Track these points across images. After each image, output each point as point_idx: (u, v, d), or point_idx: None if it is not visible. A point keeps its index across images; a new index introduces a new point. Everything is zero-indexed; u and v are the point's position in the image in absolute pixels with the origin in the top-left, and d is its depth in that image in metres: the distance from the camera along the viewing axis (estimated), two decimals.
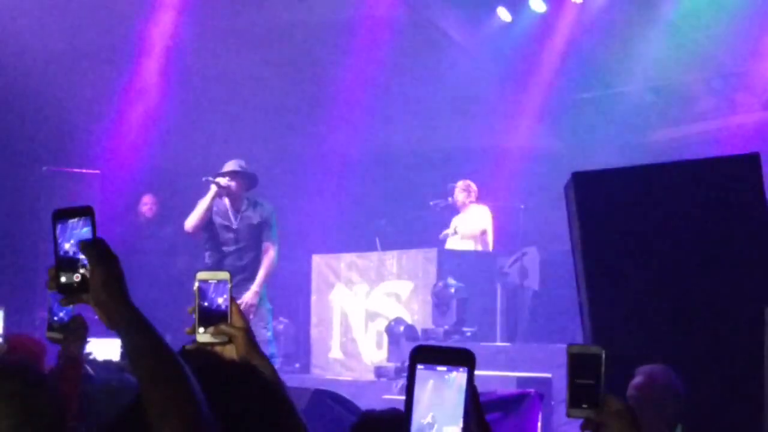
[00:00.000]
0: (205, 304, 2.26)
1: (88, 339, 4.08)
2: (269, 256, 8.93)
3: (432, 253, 10.71)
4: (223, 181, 8.94)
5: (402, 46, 12.27)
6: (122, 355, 5.66)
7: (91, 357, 5.58)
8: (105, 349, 6.11)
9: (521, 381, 8.59)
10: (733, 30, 11.42)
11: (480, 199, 11.07)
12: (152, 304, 11.03)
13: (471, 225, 10.99)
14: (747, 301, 5.15)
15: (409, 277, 10.86)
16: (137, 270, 11.50)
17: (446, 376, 1.73)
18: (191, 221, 9.04)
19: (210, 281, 2.27)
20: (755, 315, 4.93)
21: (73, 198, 11.59)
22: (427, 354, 1.76)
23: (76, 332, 3.49)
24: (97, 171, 11.90)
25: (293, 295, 11.97)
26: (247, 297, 8.71)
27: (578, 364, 2.14)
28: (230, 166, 9.05)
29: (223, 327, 2.24)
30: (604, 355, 2.13)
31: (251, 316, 8.41)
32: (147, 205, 11.85)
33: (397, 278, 11.00)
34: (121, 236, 11.78)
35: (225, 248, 9.01)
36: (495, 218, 11.11)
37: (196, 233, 9.11)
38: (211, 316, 2.25)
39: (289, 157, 12.71)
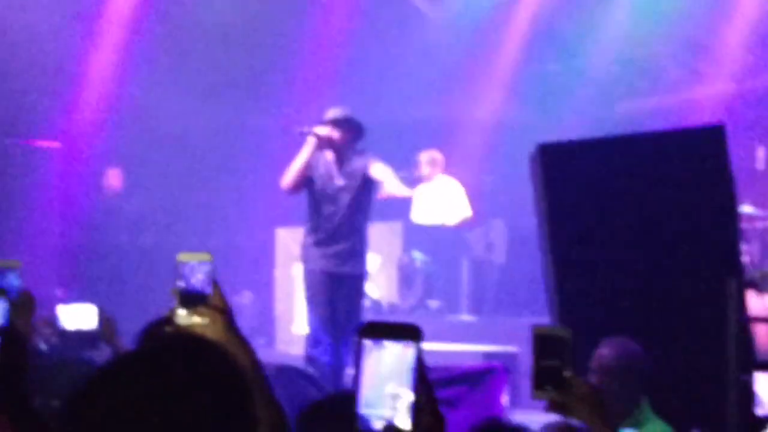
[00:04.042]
0: (186, 285, 2.25)
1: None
2: (387, 172, 7.51)
3: (397, 226, 10.64)
4: (324, 130, 7.40)
5: (367, 17, 12.15)
6: (99, 322, 5.49)
7: (61, 326, 5.44)
8: (79, 316, 5.90)
9: (487, 355, 8.57)
10: (699, 1, 11.38)
11: (445, 170, 10.99)
12: (121, 280, 10.96)
13: (448, 202, 10.82)
14: (712, 272, 5.14)
15: (374, 251, 10.78)
16: (105, 246, 11.40)
17: (394, 351, 1.74)
18: (287, 178, 7.45)
19: (191, 262, 2.26)
20: (719, 286, 4.92)
21: (32, 172, 11.42)
22: (375, 329, 1.77)
23: (24, 307, 3.40)
24: (57, 143, 11.71)
25: (257, 270, 11.88)
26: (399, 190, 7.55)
27: (544, 346, 2.11)
28: (332, 113, 7.51)
29: (202, 309, 2.24)
30: (570, 338, 2.09)
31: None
32: (115, 177, 11.67)
33: None
34: (86, 211, 11.64)
35: (327, 209, 7.44)
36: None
37: (295, 191, 7.54)
38: (191, 298, 2.25)
39: (253, 129, 12.58)
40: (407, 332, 1.75)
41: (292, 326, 11.05)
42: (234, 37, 12.13)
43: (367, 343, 1.75)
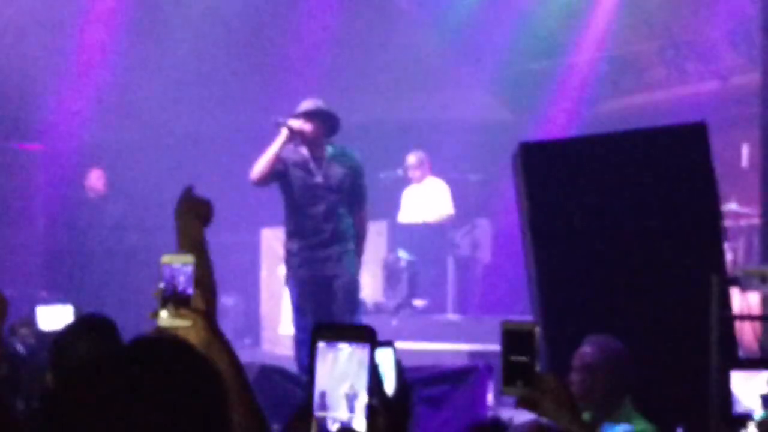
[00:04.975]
0: (169, 287, 2.26)
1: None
2: (362, 227, 7.29)
3: (382, 225, 10.63)
4: (297, 123, 7.03)
5: (351, 16, 12.13)
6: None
7: (38, 327, 5.42)
8: (56, 316, 5.86)
9: (473, 354, 8.58)
10: None
11: (431, 171, 10.98)
12: (105, 282, 10.93)
13: (433, 202, 10.81)
14: (694, 270, 5.14)
15: None
16: (88, 247, 11.37)
17: (349, 353, 1.75)
18: (256, 170, 7.07)
19: (174, 264, 2.27)
20: (702, 284, 4.92)
21: (15, 175, 11.37)
22: (329, 332, 1.77)
23: None
24: (40, 146, 11.66)
25: (243, 270, 11.85)
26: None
27: (512, 341, 2.09)
28: (306, 105, 7.13)
29: (182, 310, 2.24)
30: (538, 333, 2.08)
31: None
32: (100, 180, 11.62)
33: None
34: (70, 213, 11.60)
35: (308, 209, 7.08)
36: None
37: (263, 183, 7.19)
38: (174, 300, 2.26)
39: (238, 128, 12.55)
40: (361, 334, 1.75)
41: (278, 327, 11.05)
42: (217, 37, 12.11)
43: (321, 345, 1.75)
